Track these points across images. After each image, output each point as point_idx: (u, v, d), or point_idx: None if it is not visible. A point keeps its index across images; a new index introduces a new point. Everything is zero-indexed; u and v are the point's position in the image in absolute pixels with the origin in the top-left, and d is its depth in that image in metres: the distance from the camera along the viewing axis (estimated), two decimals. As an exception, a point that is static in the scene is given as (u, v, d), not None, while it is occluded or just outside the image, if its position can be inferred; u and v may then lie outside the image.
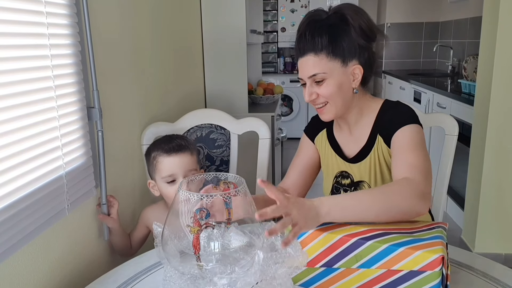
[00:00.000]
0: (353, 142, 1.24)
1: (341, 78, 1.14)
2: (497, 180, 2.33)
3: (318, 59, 1.12)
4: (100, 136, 1.23)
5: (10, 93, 0.89)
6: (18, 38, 0.92)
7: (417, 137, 1.10)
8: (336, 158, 1.26)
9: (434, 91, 3.23)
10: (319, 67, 1.12)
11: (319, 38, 1.11)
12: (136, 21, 1.58)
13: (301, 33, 1.14)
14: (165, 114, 1.84)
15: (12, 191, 0.89)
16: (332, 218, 0.89)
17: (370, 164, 1.19)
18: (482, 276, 0.95)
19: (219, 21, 2.45)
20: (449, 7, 4.45)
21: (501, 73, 2.20)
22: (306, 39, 1.12)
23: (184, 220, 0.85)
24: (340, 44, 1.11)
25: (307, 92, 1.16)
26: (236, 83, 2.52)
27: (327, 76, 1.13)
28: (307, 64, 1.14)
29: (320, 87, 1.14)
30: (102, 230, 1.31)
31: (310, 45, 1.12)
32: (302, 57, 1.15)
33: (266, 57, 5.54)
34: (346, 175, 1.25)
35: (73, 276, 1.15)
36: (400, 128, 1.11)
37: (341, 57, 1.12)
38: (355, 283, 0.85)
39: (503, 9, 2.14)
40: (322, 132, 1.31)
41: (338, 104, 1.16)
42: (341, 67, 1.13)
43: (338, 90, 1.14)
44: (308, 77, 1.14)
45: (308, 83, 1.15)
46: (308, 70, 1.14)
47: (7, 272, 0.91)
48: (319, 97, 1.16)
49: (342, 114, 1.20)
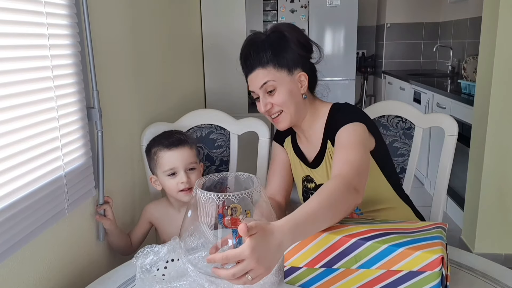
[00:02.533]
0: (310, 148, 1.31)
1: (290, 86, 1.22)
2: (497, 181, 2.33)
3: (267, 71, 1.20)
4: (99, 137, 1.23)
5: (10, 94, 0.89)
6: (18, 38, 0.92)
7: (355, 134, 1.16)
8: (300, 163, 1.33)
9: (434, 91, 3.23)
10: (268, 76, 1.20)
11: (264, 53, 1.20)
12: (136, 22, 1.58)
13: (246, 53, 1.23)
14: (165, 114, 1.84)
15: (12, 191, 0.89)
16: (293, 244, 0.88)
17: (326, 169, 1.25)
18: (481, 276, 0.95)
19: (219, 21, 2.45)
20: (449, 7, 4.45)
21: (501, 73, 2.20)
22: (252, 57, 1.21)
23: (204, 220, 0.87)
24: (283, 56, 1.20)
25: (262, 103, 1.22)
26: (235, 83, 2.52)
27: (277, 84, 1.20)
28: (257, 77, 1.21)
29: (273, 96, 1.21)
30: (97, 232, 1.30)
31: (256, 61, 1.21)
32: (251, 73, 1.22)
33: (266, 57, 5.53)
34: (310, 179, 1.32)
35: (73, 276, 1.15)
36: (342, 127, 1.17)
37: (286, 67, 1.21)
38: (355, 283, 0.85)
39: (503, 9, 2.14)
40: (287, 139, 1.39)
41: (291, 110, 1.22)
42: (287, 76, 1.21)
43: (289, 97, 1.21)
44: (260, 87, 1.21)
45: (261, 95, 1.22)
46: (258, 81, 1.21)
47: (7, 272, 0.91)
48: (274, 107, 1.22)
49: (296, 121, 1.26)
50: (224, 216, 0.85)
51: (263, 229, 0.78)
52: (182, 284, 0.89)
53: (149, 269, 0.98)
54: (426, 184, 3.45)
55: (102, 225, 1.29)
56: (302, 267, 0.90)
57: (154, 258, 0.99)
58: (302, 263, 0.90)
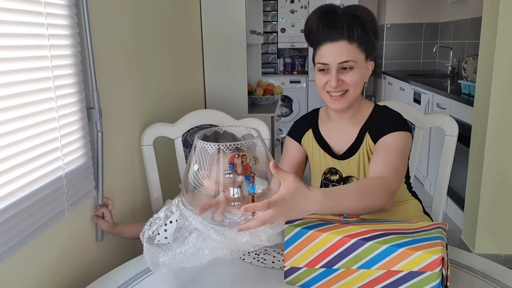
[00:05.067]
0: (342, 139, 1.30)
1: (363, 70, 1.22)
2: (497, 181, 2.33)
3: (351, 48, 1.17)
4: (100, 137, 1.23)
5: (10, 94, 0.89)
6: (18, 38, 0.92)
7: (404, 143, 1.19)
8: (324, 156, 1.32)
9: (434, 91, 3.23)
10: (352, 54, 1.17)
11: (355, 28, 1.16)
12: (136, 22, 1.58)
13: (332, 20, 1.17)
14: (165, 114, 1.84)
15: (12, 191, 0.89)
16: (317, 214, 0.96)
17: (359, 160, 1.26)
18: (482, 276, 0.95)
19: (219, 21, 2.45)
20: (449, 7, 4.45)
21: (501, 74, 2.20)
22: (339, 26, 1.16)
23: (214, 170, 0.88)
24: (369, 39, 1.20)
25: (333, 77, 1.18)
26: (236, 83, 2.52)
27: (356, 65, 1.18)
28: (340, 49, 1.17)
29: (347, 75, 1.19)
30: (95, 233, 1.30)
31: (345, 33, 1.16)
32: (332, 43, 1.17)
33: (266, 57, 5.54)
34: (335, 171, 1.31)
35: (73, 276, 1.15)
36: (391, 133, 1.19)
37: (366, 51, 1.20)
38: (355, 284, 0.85)
39: (503, 9, 2.14)
40: (308, 133, 1.37)
41: (356, 94, 1.22)
42: (364, 60, 1.21)
43: (360, 80, 1.21)
44: (339, 63, 1.18)
45: (334, 69, 1.18)
46: (340, 56, 1.17)
47: (7, 272, 0.91)
48: (343, 85, 1.20)
49: (351, 105, 1.25)
50: (236, 164, 0.86)
51: (301, 189, 0.87)
52: (188, 248, 0.90)
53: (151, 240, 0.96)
54: (426, 185, 3.45)
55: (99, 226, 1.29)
56: (302, 267, 0.90)
57: (156, 226, 0.98)
58: (302, 263, 0.90)
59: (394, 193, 1.09)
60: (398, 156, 1.16)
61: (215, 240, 0.90)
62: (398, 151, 1.17)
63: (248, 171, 0.87)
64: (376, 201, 1.03)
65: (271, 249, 1.06)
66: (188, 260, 0.90)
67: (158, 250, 0.93)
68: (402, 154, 1.17)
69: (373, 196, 1.03)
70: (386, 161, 1.14)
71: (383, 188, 1.05)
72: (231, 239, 0.90)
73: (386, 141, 1.20)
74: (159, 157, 1.58)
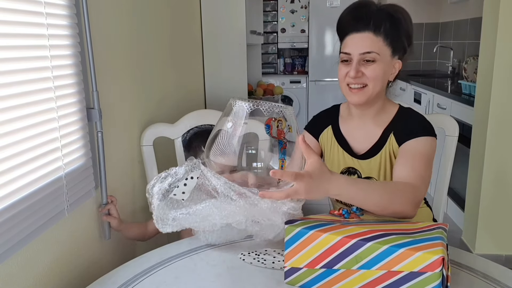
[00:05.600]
0: (364, 138, 1.26)
1: (387, 66, 1.19)
2: (498, 181, 2.33)
3: (376, 40, 1.15)
4: (100, 137, 1.23)
5: (10, 94, 0.89)
6: (18, 39, 0.92)
7: (431, 150, 1.16)
8: (343, 154, 1.28)
9: (434, 92, 3.23)
10: (376, 46, 1.15)
11: (383, 21, 1.15)
12: (136, 22, 1.58)
13: (361, 12, 1.17)
14: (165, 115, 1.84)
15: (12, 192, 0.89)
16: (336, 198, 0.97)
17: (380, 161, 1.22)
18: (482, 277, 0.95)
19: (219, 21, 2.45)
20: (449, 8, 4.45)
21: (501, 74, 2.20)
22: (367, 17, 1.16)
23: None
24: (397, 35, 1.17)
25: (353, 68, 1.16)
26: (236, 84, 2.52)
27: (378, 58, 1.16)
28: (365, 40, 1.16)
29: (368, 68, 1.16)
30: (102, 231, 1.31)
31: (372, 24, 1.15)
32: (358, 33, 1.16)
33: (266, 58, 5.54)
34: (353, 171, 1.27)
35: (73, 277, 1.15)
36: (418, 137, 1.16)
37: (392, 48, 1.18)
38: (355, 284, 0.85)
39: (503, 9, 2.14)
40: (327, 129, 1.33)
41: (375, 89, 1.18)
42: (389, 56, 1.18)
43: (382, 76, 1.18)
44: (361, 53, 1.16)
45: (356, 60, 1.16)
46: (363, 46, 1.16)
47: (7, 272, 0.91)
48: (363, 77, 1.17)
49: (370, 102, 1.22)
50: (272, 127, 0.86)
51: (324, 170, 0.90)
52: (205, 206, 0.88)
53: (167, 192, 0.93)
54: (427, 185, 3.45)
55: (107, 224, 1.30)
56: (302, 267, 0.90)
57: (172, 180, 0.94)
58: (303, 264, 0.90)
59: (420, 202, 1.07)
60: (425, 163, 1.13)
61: (235, 203, 0.88)
62: (425, 158, 1.14)
63: (282, 136, 0.89)
64: (401, 205, 1.01)
65: (271, 249, 1.06)
66: (200, 221, 0.88)
67: (170, 206, 0.91)
68: (428, 161, 1.14)
69: (400, 200, 1.00)
70: (414, 168, 1.11)
71: (412, 195, 1.03)
72: (251, 204, 0.88)
73: (413, 146, 1.16)
74: (159, 157, 1.58)
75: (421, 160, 1.13)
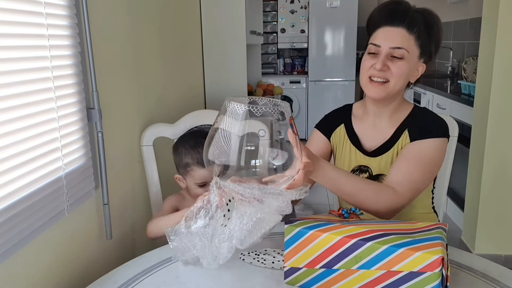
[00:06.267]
0: (376, 135, 1.26)
1: (412, 67, 1.18)
2: (497, 181, 2.33)
3: (408, 38, 1.15)
4: (100, 137, 1.23)
5: (10, 94, 0.89)
6: (17, 39, 0.92)
7: (435, 155, 1.16)
8: (355, 152, 1.28)
9: (434, 92, 3.23)
10: (407, 44, 1.15)
11: (418, 22, 1.16)
12: (136, 22, 1.58)
13: (398, 8, 1.17)
14: (165, 115, 1.84)
15: (12, 192, 0.89)
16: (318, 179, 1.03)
17: (392, 158, 1.22)
18: (482, 277, 0.95)
19: (218, 22, 2.45)
20: (449, 8, 4.45)
21: (501, 74, 2.20)
22: (403, 14, 1.16)
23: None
24: (428, 38, 1.18)
25: (380, 61, 1.15)
26: (235, 84, 2.52)
27: (407, 56, 1.16)
28: (397, 35, 1.15)
29: (395, 64, 1.16)
30: (102, 231, 1.31)
31: (407, 21, 1.15)
32: (392, 27, 1.16)
33: (266, 58, 5.54)
34: (365, 169, 1.27)
35: (73, 277, 1.15)
36: (429, 138, 1.16)
37: (421, 50, 1.18)
38: (355, 284, 0.85)
39: (503, 10, 2.14)
40: (340, 128, 1.33)
41: (397, 87, 1.18)
42: (417, 57, 1.18)
43: (406, 74, 1.17)
44: (391, 47, 1.15)
45: (384, 54, 1.16)
46: (395, 41, 1.15)
47: (7, 272, 0.91)
48: (387, 72, 1.16)
49: (388, 99, 1.21)
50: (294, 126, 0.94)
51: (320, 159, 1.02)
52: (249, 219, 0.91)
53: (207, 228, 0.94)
54: (426, 185, 3.45)
55: (109, 223, 1.29)
56: (302, 267, 0.90)
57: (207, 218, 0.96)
58: (302, 264, 0.90)
59: (399, 208, 1.09)
60: (424, 169, 1.13)
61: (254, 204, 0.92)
62: (425, 162, 1.14)
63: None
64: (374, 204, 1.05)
65: (271, 249, 1.06)
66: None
67: (221, 240, 0.93)
68: (428, 166, 1.15)
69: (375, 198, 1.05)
70: (408, 171, 1.12)
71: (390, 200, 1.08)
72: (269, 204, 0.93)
73: (417, 148, 1.16)
74: (159, 157, 1.58)
75: (418, 164, 1.14)
